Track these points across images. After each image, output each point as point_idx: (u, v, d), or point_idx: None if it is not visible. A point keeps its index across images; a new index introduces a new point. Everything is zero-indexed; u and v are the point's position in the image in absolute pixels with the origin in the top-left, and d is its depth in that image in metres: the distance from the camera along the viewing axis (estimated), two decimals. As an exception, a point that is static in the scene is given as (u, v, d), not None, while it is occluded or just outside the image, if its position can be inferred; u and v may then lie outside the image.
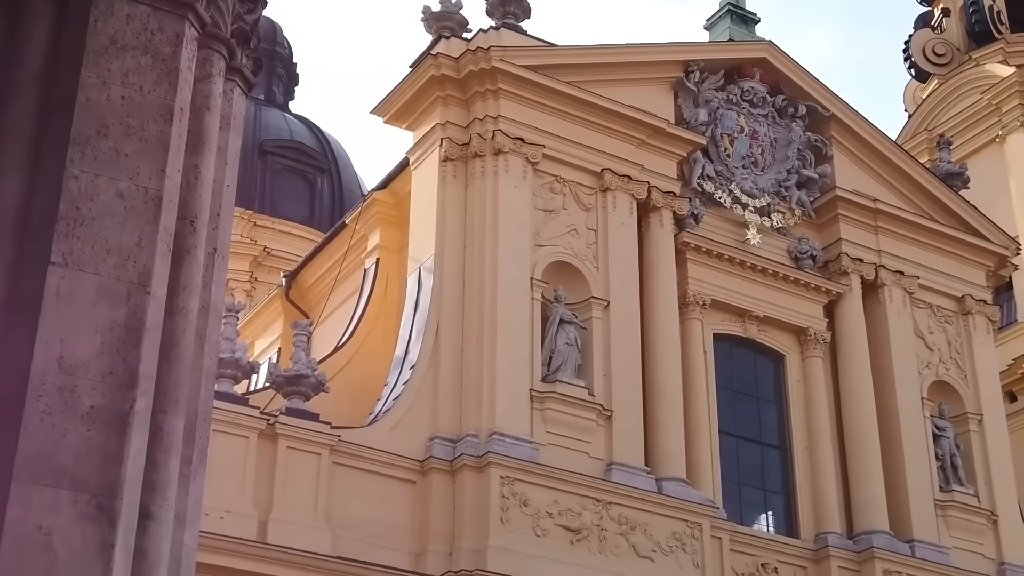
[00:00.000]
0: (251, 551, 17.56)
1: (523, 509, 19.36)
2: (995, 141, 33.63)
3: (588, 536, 19.78)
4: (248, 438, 18.36)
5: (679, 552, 20.37)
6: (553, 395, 20.48)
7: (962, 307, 25.68)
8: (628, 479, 20.42)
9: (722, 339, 23.44)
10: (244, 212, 37.31)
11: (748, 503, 22.82)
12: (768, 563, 21.82)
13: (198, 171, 5.32)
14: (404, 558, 18.88)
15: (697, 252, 23.27)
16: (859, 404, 23.67)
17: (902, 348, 24.53)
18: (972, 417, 24.82)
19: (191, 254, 5.22)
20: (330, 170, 40.86)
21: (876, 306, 24.81)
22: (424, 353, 20.40)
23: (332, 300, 24.28)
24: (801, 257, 24.41)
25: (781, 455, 23.37)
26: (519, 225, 21.31)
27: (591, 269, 21.85)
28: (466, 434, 19.76)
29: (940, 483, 23.83)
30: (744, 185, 24.24)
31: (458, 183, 21.68)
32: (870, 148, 25.82)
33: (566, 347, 20.99)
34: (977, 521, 23.86)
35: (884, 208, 25.16)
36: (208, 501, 16.70)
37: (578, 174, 22.38)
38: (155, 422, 5.00)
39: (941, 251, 25.73)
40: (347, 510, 18.81)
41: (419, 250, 21.69)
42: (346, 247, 23.92)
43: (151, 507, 4.96)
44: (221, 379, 18.51)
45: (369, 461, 19.29)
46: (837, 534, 22.50)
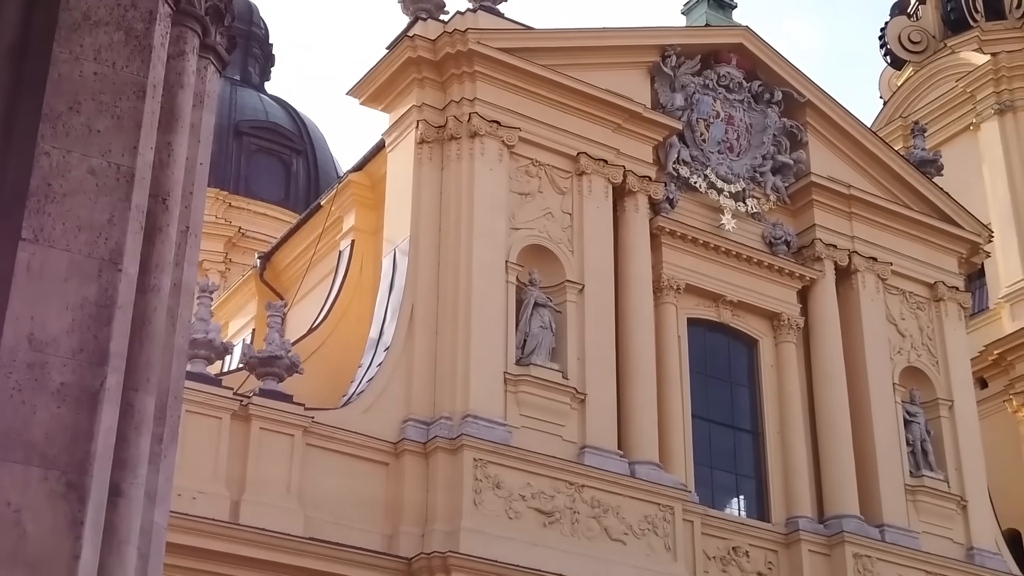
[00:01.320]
0: (223, 532, 17.55)
1: (496, 492, 19.40)
2: (969, 129, 33.79)
3: (560, 519, 19.84)
4: (221, 419, 18.32)
5: (651, 535, 20.45)
6: (527, 378, 20.51)
7: (934, 294, 25.83)
8: (601, 462, 20.48)
9: (696, 324, 23.52)
10: (219, 193, 37.19)
11: (720, 487, 22.92)
12: (739, 546, 21.94)
13: (171, 149, 5.29)
14: (377, 540, 18.89)
15: (672, 237, 23.31)
16: (831, 389, 23.80)
17: (874, 334, 24.66)
18: (943, 403, 24.99)
19: (163, 232, 5.21)
20: (306, 151, 40.75)
21: (849, 292, 24.93)
22: (398, 335, 20.40)
23: (307, 282, 24.24)
24: (775, 242, 24.50)
25: (753, 439, 23.48)
26: (494, 208, 21.30)
27: (566, 253, 21.87)
28: (440, 416, 19.78)
29: (910, 468, 24.00)
30: (719, 170, 24.29)
31: (434, 165, 21.65)
32: (845, 135, 25.91)
33: (540, 330, 21.02)
34: (947, 506, 24.05)
35: (858, 194, 25.27)
36: (181, 482, 16.70)
37: (554, 157, 22.38)
38: (126, 400, 4.99)
39: (914, 238, 25.86)
40: (320, 492, 18.80)
41: (394, 232, 21.67)
42: (321, 229, 23.87)
43: (121, 485, 4.95)
44: (194, 360, 18.47)
45: (342, 443, 19.28)
46: (808, 518, 22.63)
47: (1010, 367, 30.45)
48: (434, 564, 18.39)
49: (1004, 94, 33.34)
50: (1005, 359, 30.48)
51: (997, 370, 30.61)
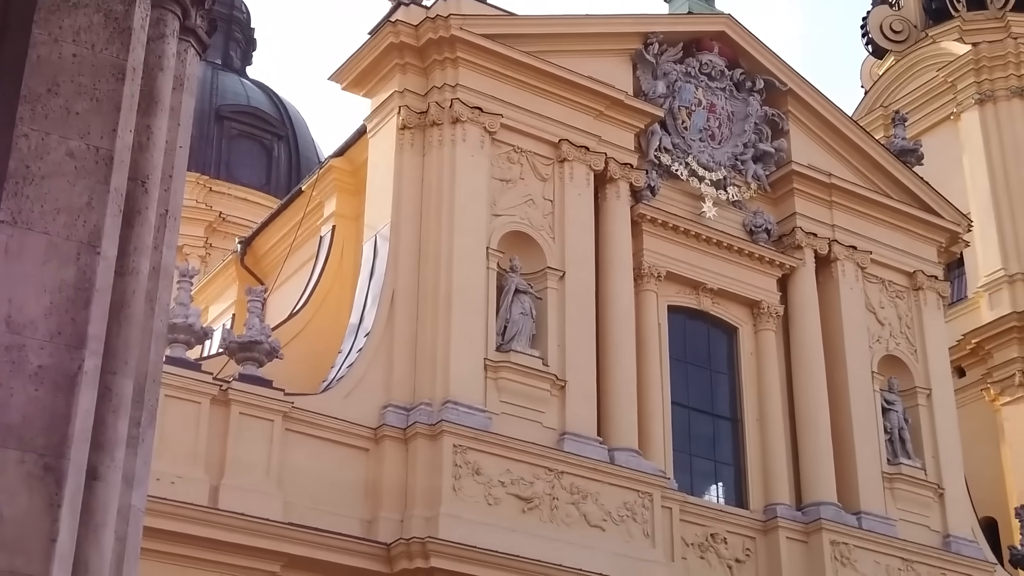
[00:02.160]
0: (202, 516, 17.53)
1: (475, 478, 19.42)
2: (949, 118, 33.91)
3: (540, 505, 19.87)
4: (201, 404, 18.29)
5: (630, 522, 20.52)
6: (507, 364, 20.53)
7: (913, 282, 25.94)
8: (580, 449, 20.52)
9: (676, 311, 23.57)
10: (200, 177, 37.08)
11: (699, 474, 23.00)
12: (717, 533, 22.02)
13: (150, 132, 5.28)
14: (356, 525, 18.90)
15: (653, 224, 23.34)
16: (810, 377, 23.89)
17: (853, 322, 24.76)
18: (921, 391, 25.11)
19: (142, 215, 5.19)
20: (287, 136, 40.65)
21: (829, 280, 25.01)
22: (379, 321, 20.39)
23: (287, 267, 24.20)
24: (756, 231, 24.55)
25: (732, 427, 23.56)
26: (476, 194, 21.29)
27: (547, 239, 21.88)
28: (420, 402, 19.78)
29: (888, 456, 24.12)
30: (701, 158, 24.32)
31: (415, 151, 21.62)
32: (826, 123, 25.97)
33: (521, 317, 21.03)
34: (924, 494, 24.17)
35: (838, 183, 25.34)
36: (160, 466, 16.71)
37: (536, 144, 22.37)
38: (104, 383, 4.98)
39: (894, 227, 25.96)
40: (299, 477, 18.80)
41: (375, 218, 21.64)
42: (302, 214, 23.82)
43: (99, 468, 4.95)
44: (174, 344, 18.43)
45: (322, 428, 19.28)
46: (786, 505, 22.73)
47: (988, 356, 30.63)
48: (413, 550, 18.41)
49: (985, 84, 33.45)
50: (983, 348, 30.65)
51: (975, 359, 30.78)
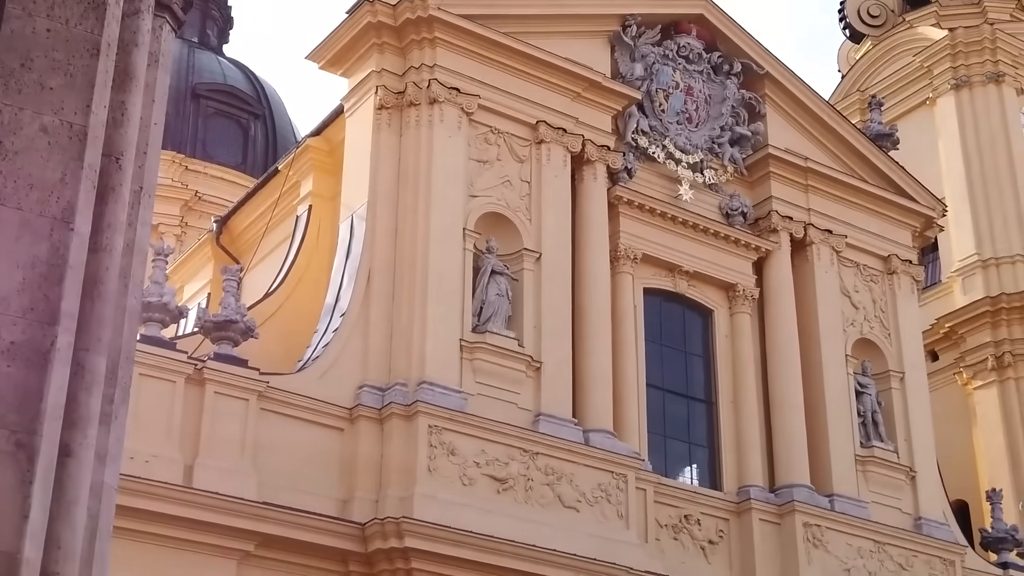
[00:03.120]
0: (176, 495, 17.49)
1: (450, 458, 19.45)
2: (925, 103, 34.06)
3: (514, 486, 19.92)
4: (175, 383, 18.24)
5: (604, 503, 20.59)
6: (483, 346, 20.55)
7: (888, 266, 26.06)
8: (555, 430, 20.57)
9: (652, 293, 23.63)
10: (176, 156, 36.94)
11: (673, 456, 23.10)
12: (691, 515, 22.13)
13: (125, 108, 5.25)
14: (331, 505, 18.91)
15: (629, 206, 23.37)
16: (784, 360, 24.00)
17: (828, 306, 24.87)
18: (894, 375, 25.26)
19: (116, 192, 5.17)
20: (264, 115, 40.50)
21: (804, 264, 25.11)
22: (355, 301, 20.36)
23: (263, 246, 24.13)
24: (732, 214, 24.62)
25: (707, 409, 23.65)
26: (453, 175, 21.26)
27: (524, 221, 21.88)
28: (395, 383, 19.78)
29: (861, 439, 24.26)
30: (678, 141, 24.35)
31: (392, 131, 21.57)
32: (803, 107, 26.03)
33: (497, 298, 21.04)
34: (896, 477, 24.34)
35: (815, 167, 25.41)
36: (134, 445, 16.67)
37: (513, 125, 22.36)
38: (76, 360, 4.97)
39: (869, 211, 26.07)
40: (274, 456, 18.78)
41: (352, 198, 21.59)
42: (278, 193, 23.75)
43: (71, 445, 4.94)
44: (149, 323, 18.38)
45: (297, 408, 19.26)
46: (759, 487, 22.85)
47: (961, 340, 30.85)
48: (388, 529, 18.43)
49: (961, 69, 33.59)
50: (956, 332, 30.87)
51: (948, 343, 31.00)
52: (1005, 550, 25.79)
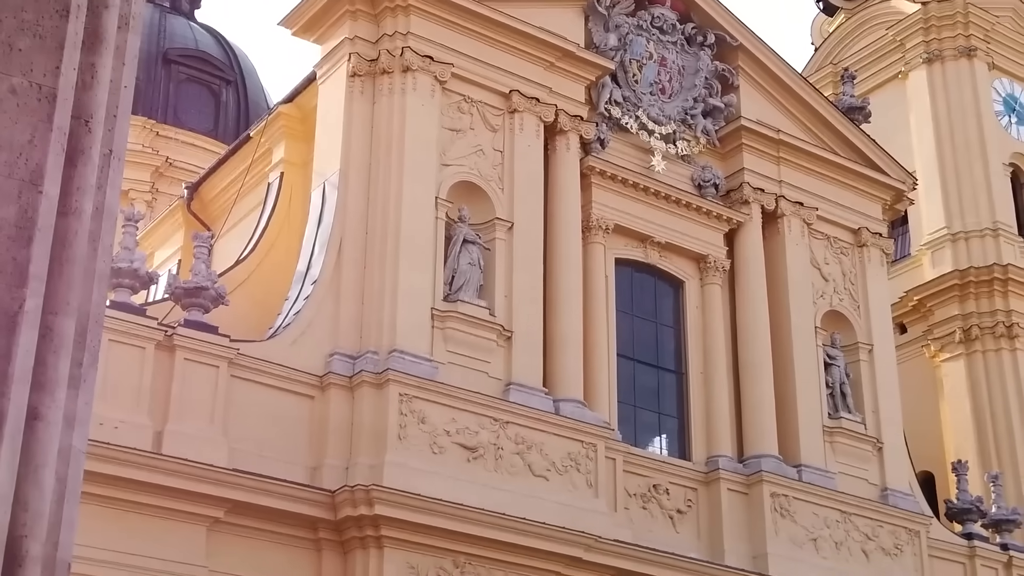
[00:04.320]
0: (146, 462, 17.47)
1: (421, 426, 19.48)
2: (897, 77, 34.15)
3: (484, 454, 19.98)
4: (145, 349, 18.18)
5: (573, 472, 20.68)
6: (454, 314, 20.57)
7: (858, 239, 26.19)
8: (526, 399, 20.63)
9: (624, 264, 23.68)
10: (147, 122, 36.69)
11: (643, 425, 23.22)
12: (660, 484, 22.26)
13: (94, 70, 5.21)
14: (301, 472, 18.93)
15: (602, 177, 23.39)
16: (754, 331, 24.12)
17: (798, 278, 24.99)
18: (863, 347, 25.42)
19: (86, 154, 5.13)
20: (236, 82, 40.24)
21: (775, 236, 25.21)
22: (326, 269, 20.34)
23: (235, 213, 24.03)
24: (704, 185, 24.67)
25: (677, 379, 23.77)
26: (425, 144, 21.22)
27: (496, 190, 21.87)
28: (366, 351, 19.79)
29: (829, 410, 24.44)
30: (651, 112, 24.36)
31: (365, 99, 21.50)
32: (776, 79, 26.07)
33: (469, 267, 21.05)
34: (863, 448, 24.54)
35: (787, 139, 25.48)
36: (103, 411, 16.63)
37: (486, 94, 22.31)
38: (45, 323, 4.95)
39: (840, 183, 26.17)
40: (244, 423, 18.78)
41: (324, 165, 21.53)
42: (250, 160, 23.65)
43: (39, 408, 4.92)
44: (119, 289, 18.30)
45: (268, 375, 19.25)
46: (728, 457, 23.00)
47: (929, 313, 31.06)
48: (357, 497, 18.46)
49: (933, 43, 33.68)
50: (924, 305, 31.08)
51: (916, 316, 31.22)
52: (970, 521, 26.09)
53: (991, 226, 31.39)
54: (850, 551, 23.34)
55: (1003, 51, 34.07)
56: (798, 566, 22.40)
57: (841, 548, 23.24)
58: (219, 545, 17.95)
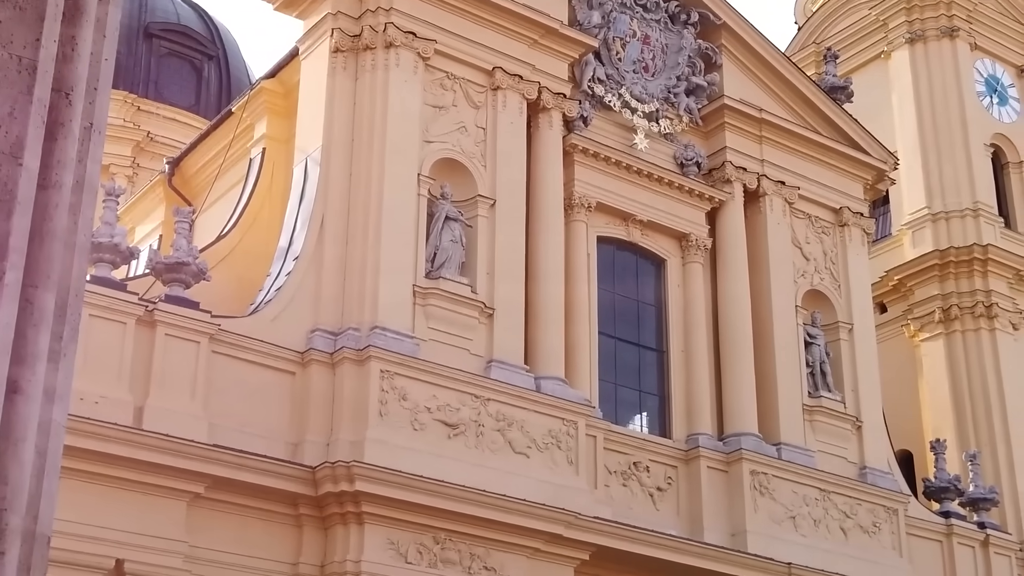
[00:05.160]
0: (126, 437, 17.43)
1: (402, 403, 19.49)
2: (880, 57, 34.17)
3: (465, 431, 20.01)
4: (126, 324, 18.13)
5: (554, 449, 20.73)
6: (436, 291, 20.56)
7: (839, 219, 26.27)
8: (507, 376, 20.66)
9: (605, 242, 23.71)
10: (127, 96, 36.49)
11: (624, 403, 23.28)
12: (640, 461, 22.34)
13: (75, 43, 5.19)
14: (281, 448, 18.93)
15: (584, 155, 23.39)
16: (735, 310, 24.19)
17: (779, 257, 25.06)
18: (843, 326, 25.53)
19: (66, 127, 5.11)
20: (218, 56, 40.03)
21: (757, 215, 25.26)
22: (308, 245, 20.30)
23: (216, 189, 23.97)
24: (686, 163, 24.69)
25: (658, 357, 23.83)
26: (408, 120, 21.17)
27: (479, 167, 21.85)
28: (348, 327, 19.78)
29: (809, 389, 24.54)
30: (634, 90, 24.35)
31: (348, 75, 21.43)
32: (759, 58, 26.08)
33: (451, 244, 21.04)
34: (842, 426, 24.66)
35: (769, 118, 25.51)
36: (83, 385, 16.61)
37: (469, 71, 22.26)
38: (25, 296, 4.93)
39: (822, 163, 26.23)
40: (225, 399, 18.76)
41: (306, 141, 21.47)
42: (232, 136, 23.56)
43: (19, 382, 4.91)
44: (99, 264, 18.24)
45: (249, 351, 19.22)
46: (708, 435, 23.09)
47: (909, 293, 31.17)
48: (338, 473, 18.48)
49: (916, 23, 33.69)
50: (905, 285, 31.18)
51: (897, 295, 31.32)
52: (948, 499, 26.28)
53: (972, 206, 31.49)
54: (828, 529, 23.49)
55: (985, 32, 34.13)
56: (777, 543, 22.54)
57: (820, 526, 23.39)
58: (199, 521, 17.95)
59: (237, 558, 18.17)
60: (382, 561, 18.55)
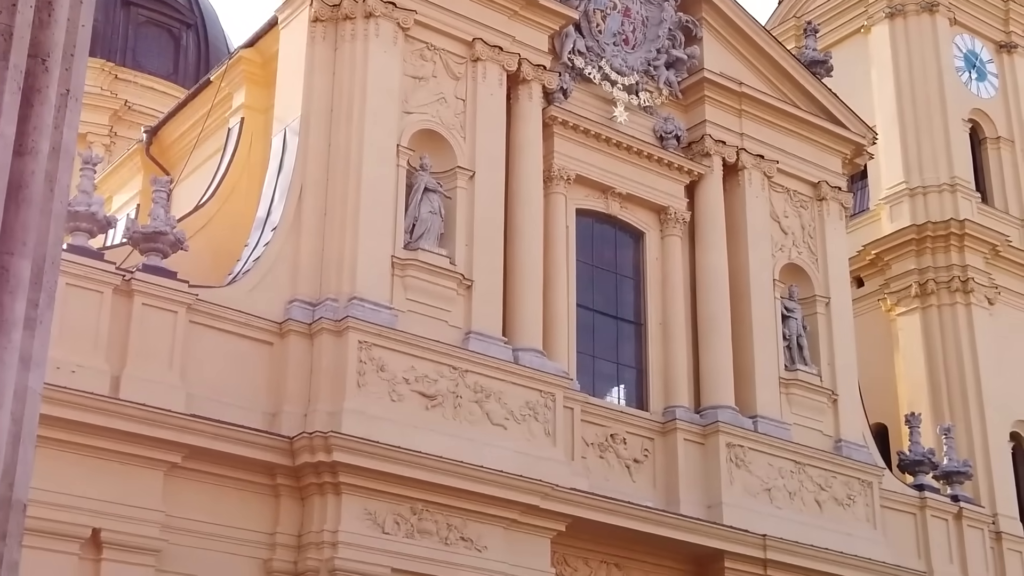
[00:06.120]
0: (103, 406, 17.39)
1: (380, 374, 19.50)
2: (860, 31, 34.19)
3: (443, 402, 20.03)
4: (103, 293, 18.06)
5: (531, 421, 20.79)
6: (414, 263, 20.56)
7: (817, 193, 26.35)
8: (485, 348, 20.69)
9: (584, 214, 23.72)
10: (105, 64, 36.26)
11: (601, 376, 23.34)
12: (617, 434, 22.43)
13: (51, 8, 5.16)
14: (259, 418, 18.93)
15: (564, 127, 23.37)
16: (713, 283, 24.26)
17: (758, 230, 25.13)
18: (820, 300, 25.64)
19: (43, 93, 5.10)
20: (196, 25, 39.79)
21: (735, 188, 25.31)
22: (286, 215, 20.25)
23: (194, 158, 23.86)
24: (666, 137, 24.70)
25: (636, 330, 23.89)
26: (387, 91, 21.11)
27: (458, 139, 21.81)
28: (326, 298, 19.76)
29: (785, 362, 24.66)
30: (614, 62, 24.33)
31: (327, 45, 21.33)
32: (739, 31, 26.08)
33: (430, 215, 21.02)
34: (818, 400, 24.80)
35: (749, 92, 25.52)
36: (60, 355, 16.56)
37: (449, 42, 22.19)
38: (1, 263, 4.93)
39: (801, 137, 26.28)
40: (203, 369, 18.73)
41: (285, 111, 21.39)
42: (210, 105, 23.45)
43: (-5, 349, 4.91)
44: (76, 232, 18.17)
45: (227, 321, 19.19)
46: (685, 408, 23.19)
47: (886, 267, 31.30)
48: (316, 443, 18.49)
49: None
50: (882, 259, 31.31)
51: (874, 270, 31.45)
52: (922, 472, 26.49)
53: (949, 181, 31.60)
54: (803, 501, 23.65)
55: (964, 7, 34.16)
56: (752, 515, 22.69)
57: (795, 498, 23.54)
58: (176, 490, 17.96)
59: (214, 528, 18.18)
60: (359, 531, 18.59)
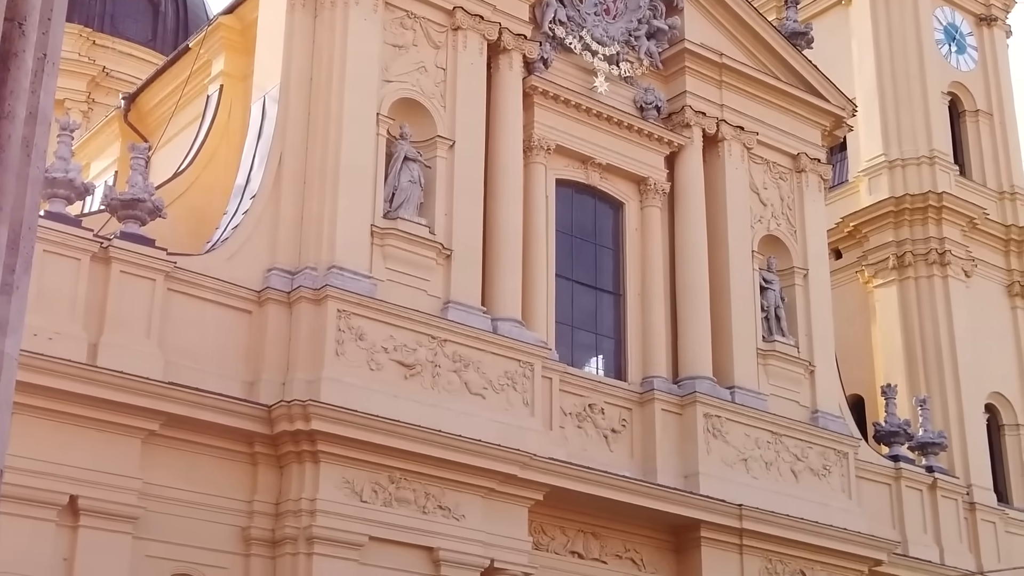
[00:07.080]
0: (80, 373, 17.35)
1: (359, 343, 19.50)
2: (841, 3, 34.17)
3: (422, 372, 20.05)
4: (80, 260, 17.99)
5: (510, 390, 20.83)
6: (394, 232, 20.53)
7: (796, 164, 26.40)
8: (464, 318, 20.70)
9: (564, 184, 23.72)
10: (83, 30, 36.01)
11: (580, 346, 23.40)
12: (595, 404, 22.51)
13: (28, -28, 5.13)
14: (237, 387, 18.92)
15: (544, 97, 23.33)
16: (692, 254, 24.31)
17: (737, 202, 25.18)
18: (798, 271, 25.73)
19: (19, 57, 5.07)
20: (175, -9, 39.51)
21: (715, 159, 25.34)
22: (265, 183, 20.19)
23: (173, 125, 23.72)
24: (646, 107, 24.68)
25: (615, 301, 23.94)
26: (367, 59, 21.02)
27: (438, 108, 21.75)
28: (305, 267, 19.73)
29: (763, 333, 24.76)
30: (595, 32, 24.28)
31: (307, 12, 21.22)
32: (720, 2, 26.06)
33: (409, 185, 20.98)
34: (795, 371, 24.92)
35: (729, 63, 25.52)
36: (37, 321, 16.51)
37: (429, 11, 22.10)
38: (-23, 229, 4.91)
39: (781, 108, 26.30)
40: (181, 337, 18.70)
41: (264, 79, 21.28)
42: (189, 72, 23.29)
43: (-28, 313, 4.90)
44: (54, 199, 18.08)
45: (205, 289, 19.14)
46: (663, 378, 23.27)
47: (864, 239, 31.42)
48: (294, 412, 18.50)
49: (877, -30, 33.70)
50: (860, 231, 31.42)
51: (852, 242, 31.57)
52: (897, 443, 26.69)
53: (927, 154, 31.69)
54: (780, 471, 23.79)
55: (946, -20, 34.19)
56: (729, 485, 22.82)
57: (771, 468, 23.68)
58: (154, 458, 17.95)
59: (192, 495, 18.19)
60: (337, 500, 18.63)
